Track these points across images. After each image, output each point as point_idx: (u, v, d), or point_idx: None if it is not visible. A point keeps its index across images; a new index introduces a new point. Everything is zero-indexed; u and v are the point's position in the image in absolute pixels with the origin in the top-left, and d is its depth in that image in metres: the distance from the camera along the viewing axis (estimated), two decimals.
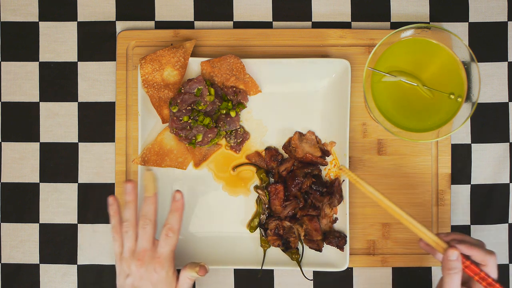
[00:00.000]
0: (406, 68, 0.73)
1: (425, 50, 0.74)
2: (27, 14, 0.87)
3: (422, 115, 0.74)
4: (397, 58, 0.74)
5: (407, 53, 0.74)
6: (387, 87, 0.74)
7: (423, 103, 0.73)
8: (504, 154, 0.85)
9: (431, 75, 0.73)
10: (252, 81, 0.82)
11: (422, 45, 0.74)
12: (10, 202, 0.86)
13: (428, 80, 0.73)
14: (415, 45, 0.74)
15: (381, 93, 0.74)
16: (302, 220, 0.82)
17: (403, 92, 0.73)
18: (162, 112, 0.82)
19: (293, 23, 0.86)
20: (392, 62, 0.73)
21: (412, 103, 0.74)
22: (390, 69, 0.73)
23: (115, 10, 0.87)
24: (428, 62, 0.73)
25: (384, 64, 0.73)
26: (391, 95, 0.74)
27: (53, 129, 0.86)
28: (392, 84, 0.73)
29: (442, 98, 0.73)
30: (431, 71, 0.73)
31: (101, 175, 0.86)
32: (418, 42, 0.74)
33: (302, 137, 0.84)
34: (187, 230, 0.84)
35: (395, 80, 0.73)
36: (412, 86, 0.73)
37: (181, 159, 0.84)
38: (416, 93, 0.73)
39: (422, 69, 0.73)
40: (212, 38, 0.85)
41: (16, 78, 0.86)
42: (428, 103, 0.73)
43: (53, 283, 0.85)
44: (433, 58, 0.73)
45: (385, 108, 0.74)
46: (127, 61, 0.85)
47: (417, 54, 0.74)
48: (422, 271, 0.85)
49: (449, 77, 0.73)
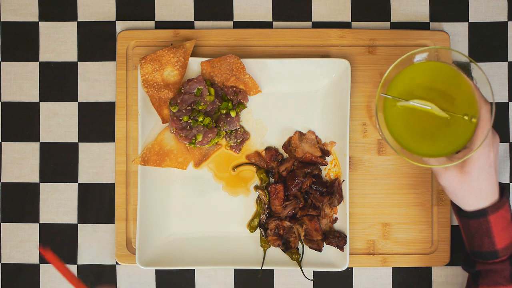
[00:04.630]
0: (418, 91, 0.71)
1: (436, 73, 0.72)
2: (27, 14, 0.87)
3: (436, 139, 0.71)
4: (408, 82, 0.71)
5: (419, 76, 0.72)
6: (400, 112, 0.71)
7: (437, 126, 0.71)
8: (504, 154, 0.85)
9: (444, 97, 0.71)
10: (252, 81, 0.82)
11: (433, 68, 0.72)
12: (10, 202, 0.86)
13: (441, 102, 0.70)
14: (426, 68, 0.72)
15: (394, 118, 0.71)
16: (302, 220, 0.82)
17: (416, 116, 0.71)
18: (162, 112, 0.82)
19: (293, 23, 0.86)
20: (403, 86, 0.71)
21: (426, 127, 0.71)
22: (402, 93, 0.71)
23: (115, 10, 0.87)
24: (440, 84, 0.71)
25: (396, 88, 0.71)
26: (405, 120, 0.71)
27: (53, 129, 0.86)
28: (405, 108, 0.71)
29: (456, 120, 0.70)
30: (443, 93, 0.71)
31: (101, 175, 0.86)
32: (429, 65, 0.72)
33: (302, 136, 0.84)
34: (187, 230, 0.84)
35: (408, 104, 0.71)
36: (426, 109, 0.70)
37: (181, 159, 0.84)
38: (430, 117, 0.71)
39: (434, 91, 0.71)
40: (212, 38, 0.85)
41: (16, 78, 0.86)
42: (442, 126, 0.71)
43: (53, 283, 0.85)
44: (444, 79, 0.71)
45: (400, 134, 0.71)
46: (127, 61, 0.85)
47: (428, 76, 0.72)
48: (422, 271, 0.85)
49: (462, 98, 0.71)
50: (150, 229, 0.82)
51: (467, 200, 0.72)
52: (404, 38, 0.85)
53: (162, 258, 0.82)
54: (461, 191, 0.71)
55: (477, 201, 0.71)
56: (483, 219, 0.71)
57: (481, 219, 0.71)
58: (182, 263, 0.82)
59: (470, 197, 0.71)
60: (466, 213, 0.72)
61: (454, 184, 0.71)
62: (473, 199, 0.71)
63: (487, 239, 0.71)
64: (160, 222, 0.83)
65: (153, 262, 0.82)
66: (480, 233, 0.72)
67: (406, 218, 0.84)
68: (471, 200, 0.71)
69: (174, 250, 0.83)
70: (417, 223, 0.84)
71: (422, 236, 0.84)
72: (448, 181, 0.71)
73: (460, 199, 0.72)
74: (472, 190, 0.71)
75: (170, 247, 0.83)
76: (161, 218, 0.84)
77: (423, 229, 0.84)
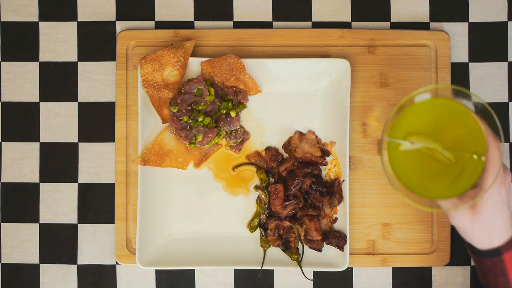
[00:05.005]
0: (424, 131, 0.69)
1: (439, 110, 0.69)
2: (27, 14, 0.87)
3: (445, 180, 0.69)
4: (412, 122, 0.69)
5: (422, 115, 0.69)
6: (406, 154, 0.69)
7: (445, 166, 0.68)
8: (504, 154, 0.85)
9: (450, 135, 0.68)
10: (252, 81, 0.82)
11: (436, 105, 0.69)
12: (10, 202, 0.86)
13: (448, 142, 0.68)
14: (429, 106, 0.69)
15: (400, 161, 0.69)
16: (302, 220, 0.82)
17: (423, 157, 0.68)
18: (162, 112, 0.82)
19: (293, 23, 0.86)
20: (407, 127, 0.69)
21: (434, 168, 0.68)
22: (406, 134, 0.68)
23: (115, 10, 0.87)
24: (445, 122, 0.69)
25: (399, 129, 0.69)
26: (411, 162, 0.69)
27: (53, 129, 0.86)
28: (410, 150, 0.69)
29: (465, 159, 0.67)
30: (449, 130, 0.68)
31: (101, 175, 0.86)
32: (431, 103, 0.69)
33: (302, 136, 0.84)
34: (187, 230, 0.84)
35: (414, 147, 0.68)
36: (431, 151, 0.68)
37: (181, 159, 0.84)
38: (437, 157, 0.68)
39: (440, 130, 0.68)
40: (212, 38, 0.85)
41: (16, 78, 0.86)
42: (450, 166, 0.68)
43: (53, 283, 0.85)
44: (448, 116, 0.69)
45: (407, 177, 0.69)
46: (127, 61, 0.85)
47: (432, 115, 0.69)
48: (422, 271, 0.85)
49: (469, 135, 0.68)
50: (150, 229, 0.82)
51: (480, 239, 0.69)
52: (404, 38, 0.85)
53: (162, 258, 0.82)
54: (473, 231, 0.69)
55: (490, 239, 0.69)
56: (497, 258, 0.69)
57: (495, 258, 0.69)
58: (182, 263, 0.82)
59: (483, 236, 0.69)
60: (480, 251, 0.70)
61: (466, 223, 0.69)
62: (486, 238, 0.69)
63: (502, 278, 0.69)
64: (160, 222, 0.83)
65: (153, 262, 0.82)
66: (495, 272, 0.69)
67: (406, 218, 0.84)
68: (484, 239, 0.69)
69: (174, 250, 0.83)
70: (417, 223, 0.84)
71: (422, 236, 0.84)
72: (460, 221, 0.69)
73: (473, 238, 0.70)
74: (484, 229, 0.68)
75: (170, 247, 0.83)
76: (161, 218, 0.84)
77: (423, 229, 0.84)
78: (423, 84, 0.84)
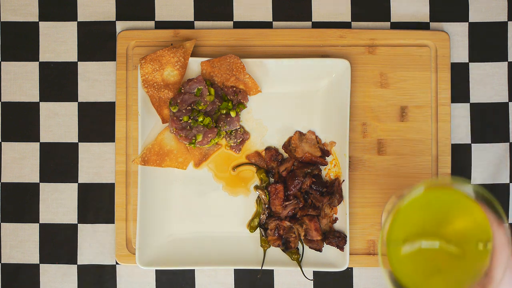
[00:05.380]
0: (423, 228, 0.65)
1: (437, 202, 0.65)
2: (27, 14, 0.87)
3: (451, 275, 0.64)
4: (409, 221, 0.65)
5: (419, 211, 0.65)
6: (408, 257, 0.64)
7: (450, 261, 0.64)
8: (504, 154, 0.85)
9: (451, 228, 0.64)
10: (252, 81, 0.82)
11: (432, 198, 0.65)
12: (10, 202, 0.86)
13: (449, 235, 0.64)
14: (425, 201, 0.65)
15: (403, 266, 0.64)
16: (302, 220, 0.82)
17: (425, 255, 0.64)
18: (162, 112, 0.82)
19: (293, 23, 0.86)
20: (405, 228, 0.65)
21: (437, 265, 0.64)
22: (406, 236, 0.64)
23: (115, 10, 0.87)
24: (444, 214, 0.65)
25: (397, 232, 0.64)
26: (413, 262, 0.65)
27: (53, 129, 0.86)
28: (412, 252, 0.64)
29: (470, 251, 0.63)
30: (449, 222, 0.64)
31: (101, 175, 0.86)
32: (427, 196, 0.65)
33: (302, 136, 0.84)
34: (187, 230, 0.84)
35: (415, 248, 0.64)
36: (433, 248, 0.64)
37: (181, 159, 0.84)
38: (440, 253, 0.64)
39: (440, 224, 0.64)
40: (212, 38, 0.85)
41: (16, 78, 0.86)
42: (455, 259, 0.64)
43: (53, 283, 0.85)
44: (447, 207, 0.65)
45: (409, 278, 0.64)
46: (127, 61, 0.85)
47: (429, 209, 0.65)
48: None
49: (471, 224, 0.64)
50: (150, 229, 0.82)
51: None
52: (404, 38, 0.85)
53: (162, 258, 0.82)
54: None
55: None
56: None
57: None
58: (182, 263, 0.82)
59: None
60: None
61: None
62: None
63: None
64: (160, 222, 0.83)
65: (153, 262, 0.82)
66: None
67: None
68: None
69: (174, 250, 0.83)
70: None
71: None
72: None
73: None
74: None
75: (170, 247, 0.83)
76: (161, 218, 0.84)
77: None
78: (423, 84, 0.84)
